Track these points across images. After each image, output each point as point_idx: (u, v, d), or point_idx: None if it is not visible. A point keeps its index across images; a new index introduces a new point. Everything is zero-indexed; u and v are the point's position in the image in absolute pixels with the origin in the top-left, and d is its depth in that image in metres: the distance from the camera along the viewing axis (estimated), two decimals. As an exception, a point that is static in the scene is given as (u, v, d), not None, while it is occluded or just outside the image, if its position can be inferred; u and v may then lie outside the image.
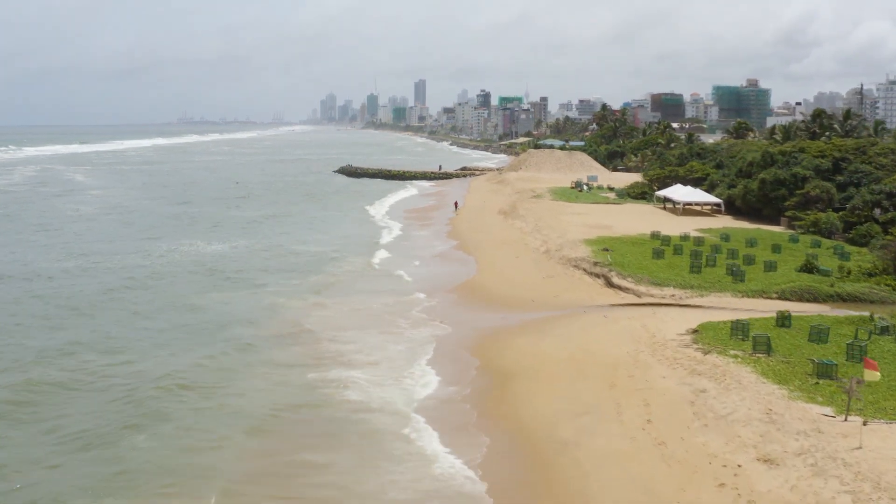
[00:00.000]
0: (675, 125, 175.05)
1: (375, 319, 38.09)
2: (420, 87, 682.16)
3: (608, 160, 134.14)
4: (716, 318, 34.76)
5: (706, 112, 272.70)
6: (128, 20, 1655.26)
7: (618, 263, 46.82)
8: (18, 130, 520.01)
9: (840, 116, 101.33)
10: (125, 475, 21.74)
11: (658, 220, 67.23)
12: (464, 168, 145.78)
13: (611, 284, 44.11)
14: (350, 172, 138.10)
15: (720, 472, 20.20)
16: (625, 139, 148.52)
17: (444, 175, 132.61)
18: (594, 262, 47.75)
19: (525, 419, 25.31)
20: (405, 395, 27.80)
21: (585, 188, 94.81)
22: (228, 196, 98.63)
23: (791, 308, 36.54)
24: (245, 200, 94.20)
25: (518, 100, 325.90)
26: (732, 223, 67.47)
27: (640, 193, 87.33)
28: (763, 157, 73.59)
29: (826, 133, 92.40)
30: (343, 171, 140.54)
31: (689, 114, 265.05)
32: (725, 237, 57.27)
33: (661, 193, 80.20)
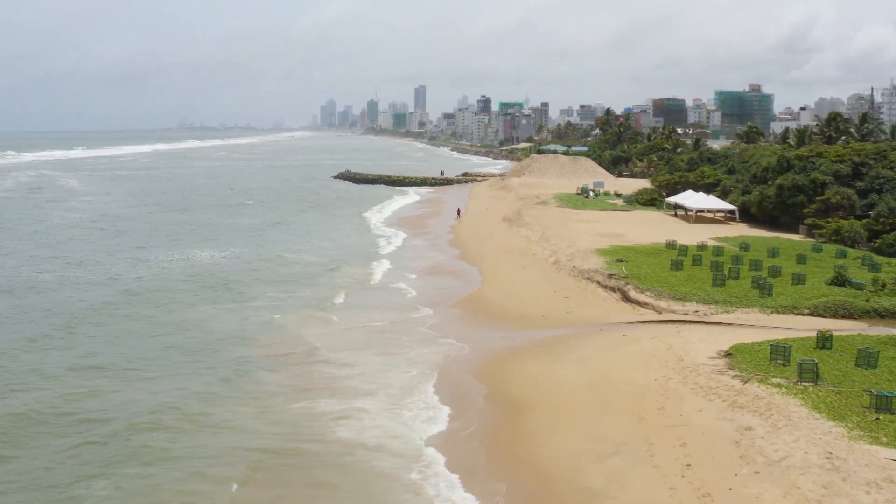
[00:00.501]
0: (679, 130, 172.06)
1: (373, 339, 35.05)
2: (420, 93, 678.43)
3: (613, 165, 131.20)
4: (746, 338, 31.79)
5: (709, 117, 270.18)
6: (129, 26, 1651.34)
7: (634, 276, 43.66)
8: (20, 136, 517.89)
9: (856, 121, 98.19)
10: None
11: (671, 228, 64.20)
12: (465, 174, 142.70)
13: (628, 299, 40.96)
14: (350, 178, 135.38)
15: (780, 534, 17.06)
16: (629, 144, 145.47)
17: (446, 181, 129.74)
18: (608, 275, 44.55)
19: (544, 461, 22.10)
20: (407, 431, 24.62)
21: (592, 194, 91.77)
22: (226, 203, 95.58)
23: (826, 326, 33.46)
24: (247, 207, 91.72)
25: (519, 105, 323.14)
26: (749, 231, 64.35)
27: (650, 200, 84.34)
28: (779, 163, 70.59)
29: (842, 137, 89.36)
30: (343, 177, 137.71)
31: (692, 119, 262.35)
32: (745, 246, 54.11)
33: (672, 200, 77.05)
